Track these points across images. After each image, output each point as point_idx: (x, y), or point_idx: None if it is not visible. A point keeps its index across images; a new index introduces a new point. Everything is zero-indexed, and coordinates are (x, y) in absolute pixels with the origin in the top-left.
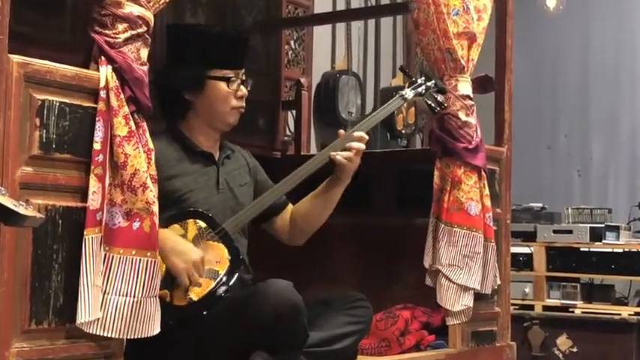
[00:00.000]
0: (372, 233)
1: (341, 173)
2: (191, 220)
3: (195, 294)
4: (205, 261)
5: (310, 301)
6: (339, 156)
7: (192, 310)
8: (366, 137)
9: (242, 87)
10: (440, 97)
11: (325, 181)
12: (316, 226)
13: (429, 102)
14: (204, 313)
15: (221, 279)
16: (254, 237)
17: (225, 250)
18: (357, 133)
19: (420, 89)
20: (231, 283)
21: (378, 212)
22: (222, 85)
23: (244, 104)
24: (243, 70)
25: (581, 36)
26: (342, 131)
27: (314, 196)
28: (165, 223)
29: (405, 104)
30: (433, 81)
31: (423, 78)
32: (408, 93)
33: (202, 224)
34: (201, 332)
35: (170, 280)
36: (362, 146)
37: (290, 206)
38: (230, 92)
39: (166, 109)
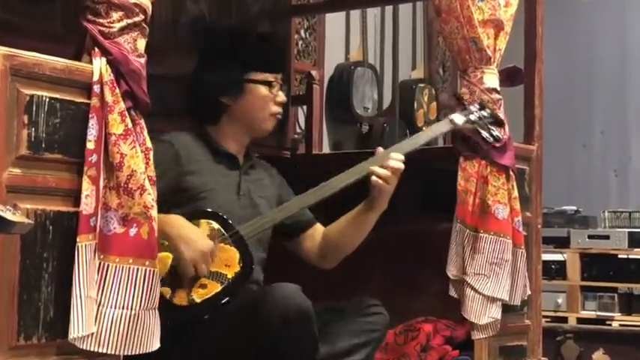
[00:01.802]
0: (390, 239)
1: (377, 195)
2: (204, 220)
3: (198, 295)
4: (215, 262)
5: (321, 309)
6: (375, 174)
7: (192, 312)
8: (403, 158)
9: (281, 92)
10: (495, 130)
11: (360, 204)
12: (348, 252)
13: (483, 133)
14: (206, 317)
15: (228, 283)
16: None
17: (237, 255)
18: (396, 155)
19: (472, 117)
20: (239, 288)
21: (396, 216)
22: (263, 89)
23: (282, 111)
24: (281, 75)
25: (618, 21)
26: (380, 149)
27: (347, 220)
28: None
29: (451, 129)
30: (488, 110)
31: (477, 106)
32: (459, 118)
33: (215, 225)
34: (203, 335)
35: (173, 277)
36: (400, 166)
37: (319, 226)
38: (270, 97)
39: (197, 112)
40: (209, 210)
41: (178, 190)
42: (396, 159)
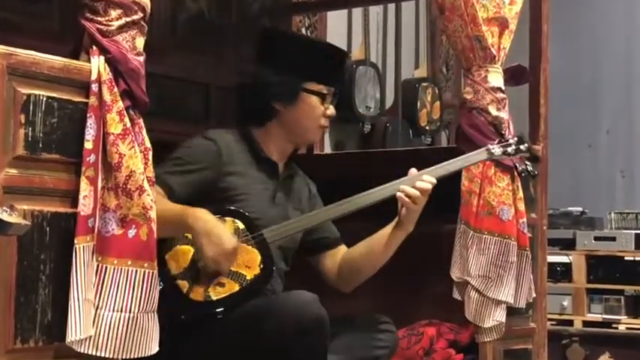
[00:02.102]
0: None
1: (404, 215)
2: (230, 218)
3: (215, 293)
4: (236, 261)
5: (335, 319)
6: (404, 192)
7: (207, 309)
8: (434, 181)
9: (331, 106)
10: (530, 166)
11: (386, 226)
12: (368, 274)
13: (518, 166)
14: (219, 316)
15: (247, 284)
16: None
17: (259, 257)
18: (428, 177)
19: (509, 149)
20: (257, 291)
21: None
22: (316, 100)
23: (328, 124)
24: (334, 89)
25: (625, 20)
26: (414, 170)
27: (371, 242)
28: None
29: (486, 159)
30: (526, 145)
31: (516, 139)
32: (496, 149)
33: (241, 225)
34: (214, 334)
35: (193, 271)
36: (429, 187)
37: (343, 247)
38: (321, 109)
39: (246, 113)
40: (236, 209)
41: (215, 189)
42: (426, 180)
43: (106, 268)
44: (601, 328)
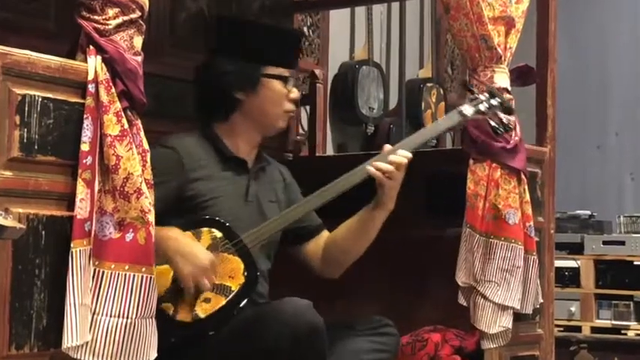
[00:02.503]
0: (396, 245)
1: (382, 193)
2: (206, 228)
3: (202, 310)
4: (217, 274)
5: (330, 324)
6: (378, 169)
7: (197, 328)
8: (409, 155)
9: (295, 89)
10: (505, 118)
11: (366, 207)
12: (354, 257)
13: (492, 122)
14: (211, 333)
15: (233, 296)
16: None
17: (242, 265)
18: (402, 152)
19: (481, 106)
20: (244, 301)
21: (402, 221)
22: (279, 84)
23: (295, 108)
24: (295, 71)
25: (635, 17)
26: (387, 146)
27: (351, 223)
28: None
29: (460, 121)
30: (498, 99)
31: (487, 94)
32: (468, 109)
33: (218, 234)
34: (209, 352)
35: (176, 292)
36: (404, 160)
37: (325, 233)
38: (285, 93)
39: (206, 108)
40: (211, 217)
41: (182, 199)
42: (400, 154)
43: (103, 272)
44: (610, 334)
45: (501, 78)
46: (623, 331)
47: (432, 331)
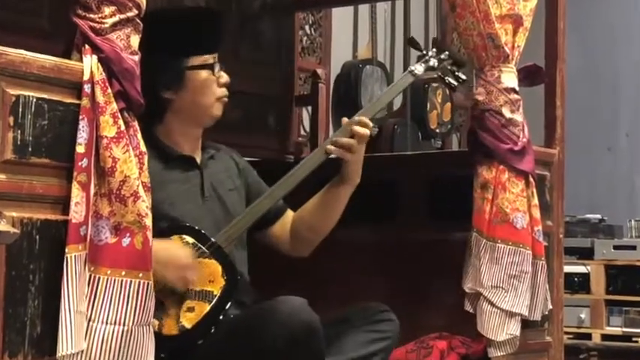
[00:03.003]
0: (400, 250)
1: (345, 169)
2: (176, 236)
3: (187, 320)
4: (197, 280)
5: (326, 321)
6: (340, 142)
7: (185, 340)
8: (369, 123)
9: (222, 73)
10: (458, 72)
11: (331, 183)
12: (322, 234)
13: (447, 78)
14: (200, 342)
15: (216, 301)
16: (258, 257)
17: (219, 267)
18: (357, 118)
19: (431, 62)
20: (228, 304)
21: (407, 225)
22: (205, 73)
23: (227, 92)
24: (217, 54)
25: None
26: (345, 119)
27: (318, 200)
28: None
29: (412, 81)
30: (446, 52)
31: (434, 50)
32: (418, 68)
33: (190, 239)
34: (203, 357)
35: (158, 306)
36: (365, 132)
37: (289, 212)
38: (212, 80)
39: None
40: (180, 224)
41: None
42: (358, 123)
43: (99, 278)
44: (621, 342)
45: (509, 78)
46: (634, 339)
47: (438, 338)
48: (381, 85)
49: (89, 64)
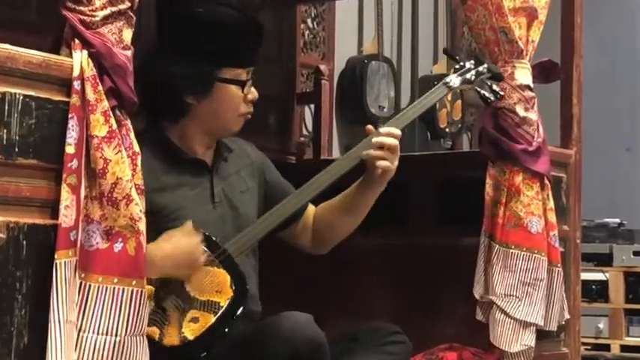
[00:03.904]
0: (408, 256)
1: (377, 176)
2: None
3: (190, 331)
4: (204, 289)
5: (334, 338)
6: (372, 155)
7: (187, 352)
8: (399, 133)
9: (253, 89)
10: (495, 86)
11: (356, 182)
12: (343, 235)
13: (481, 91)
14: (203, 354)
15: (222, 313)
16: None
17: (228, 277)
18: (386, 129)
19: (468, 75)
20: (235, 317)
21: (415, 230)
22: (235, 89)
23: (252, 110)
24: (253, 68)
25: None
26: (370, 126)
27: (342, 201)
28: None
29: (449, 94)
30: (485, 65)
31: (473, 62)
32: (454, 80)
33: None
34: None
35: (160, 314)
36: (394, 142)
37: (311, 207)
38: (241, 97)
39: (153, 109)
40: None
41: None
42: (390, 134)
43: (90, 286)
44: None
45: (523, 74)
46: None
47: (448, 349)
48: (388, 82)
49: (79, 60)
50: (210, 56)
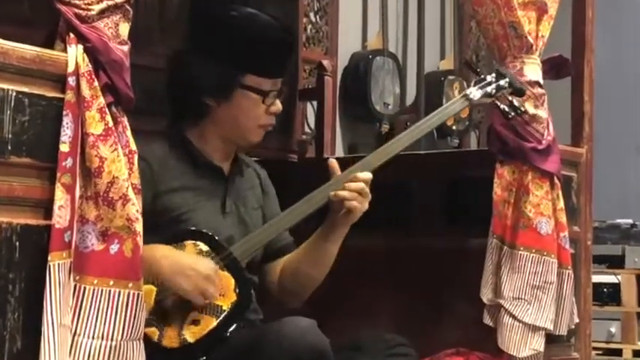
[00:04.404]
0: (413, 258)
1: (344, 218)
2: (190, 241)
3: (191, 334)
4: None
5: (337, 346)
6: (340, 196)
7: (186, 354)
8: (369, 177)
9: (277, 101)
10: (516, 101)
11: (318, 231)
12: (309, 287)
13: (502, 106)
14: (203, 358)
15: (225, 316)
16: None
17: (232, 281)
18: (361, 175)
19: (489, 89)
20: (237, 321)
21: (421, 231)
22: (256, 97)
23: (274, 122)
24: (281, 79)
25: None
26: (335, 164)
27: (304, 250)
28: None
29: (466, 106)
30: (507, 79)
31: (494, 75)
32: (475, 93)
33: (204, 247)
34: None
35: (161, 314)
36: (363, 187)
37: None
38: (262, 108)
39: (176, 109)
40: (194, 229)
41: (155, 213)
42: (359, 179)
43: (85, 288)
44: None
45: (532, 70)
46: None
47: (454, 354)
48: (393, 79)
49: (74, 55)
50: (235, 60)
